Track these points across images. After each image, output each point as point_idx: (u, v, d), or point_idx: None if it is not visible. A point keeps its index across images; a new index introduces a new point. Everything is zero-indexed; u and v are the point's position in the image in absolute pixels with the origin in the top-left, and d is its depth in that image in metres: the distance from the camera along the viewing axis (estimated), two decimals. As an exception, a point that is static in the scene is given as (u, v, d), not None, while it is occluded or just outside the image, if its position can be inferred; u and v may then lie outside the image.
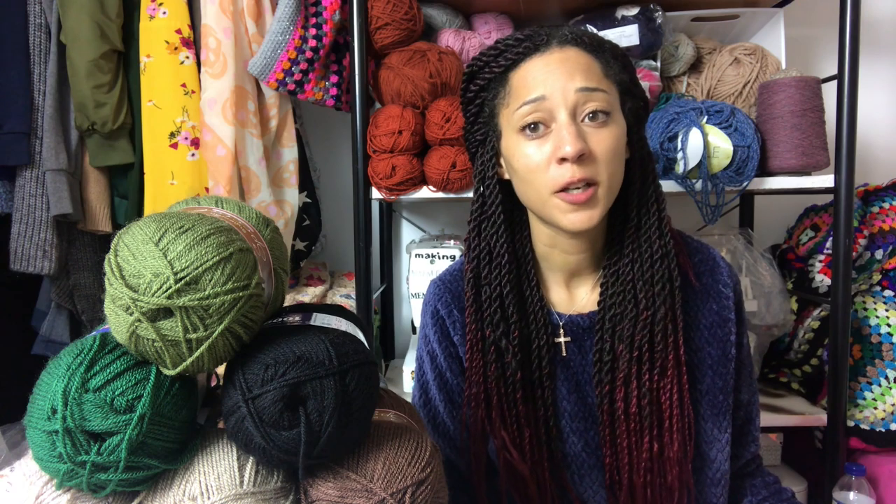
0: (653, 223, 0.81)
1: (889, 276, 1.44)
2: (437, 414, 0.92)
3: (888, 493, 1.33)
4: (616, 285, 0.83)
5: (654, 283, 0.80)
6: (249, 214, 0.65)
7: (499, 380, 0.83)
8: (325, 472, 0.57)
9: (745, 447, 0.92)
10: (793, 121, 1.32)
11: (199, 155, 1.41)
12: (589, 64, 0.77)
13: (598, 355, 0.83)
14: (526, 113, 0.76)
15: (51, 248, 1.43)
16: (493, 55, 0.80)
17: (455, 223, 1.89)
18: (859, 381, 1.40)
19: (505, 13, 1.57)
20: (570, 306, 0.88)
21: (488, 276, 0.84)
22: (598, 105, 0.75)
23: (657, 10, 1.42)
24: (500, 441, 0.83)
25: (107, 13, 1.37)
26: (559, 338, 0.87)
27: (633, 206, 0.82)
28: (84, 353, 0.53)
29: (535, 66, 0.77)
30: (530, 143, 0.76)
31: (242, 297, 0.53)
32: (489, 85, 0.81)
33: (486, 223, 0.84)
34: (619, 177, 0.79)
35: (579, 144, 0.73)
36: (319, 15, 1.44)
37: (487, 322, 0.84)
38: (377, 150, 1.36)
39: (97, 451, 0.51)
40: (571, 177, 0.73)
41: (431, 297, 0.93)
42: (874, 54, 1.81)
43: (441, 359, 0.91)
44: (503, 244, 0.83)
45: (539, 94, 0.75)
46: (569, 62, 0.76)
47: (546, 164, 0.75)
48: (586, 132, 0.75)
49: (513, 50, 0.78)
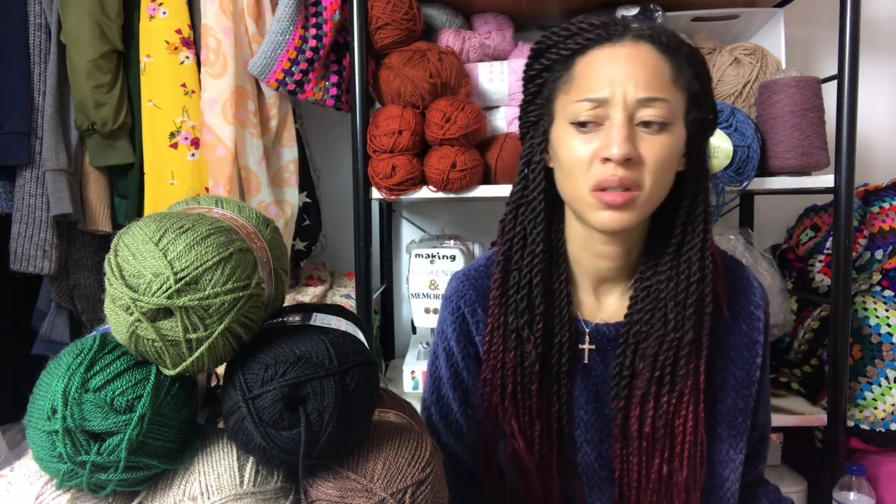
0: (696, 244, 0.78)
1: (889, 276, 1.44)
2: (450, 412, 0.90)
3: (888, 493, 1.33)
4: (646, 301, 0.80)
5: (686, 306, 0.78)
6: (249, 214, 0.65)
7: (516, 368, 0.81)
8: (325, 472, 0.57)
9: (756, 466, 0.91)
10: (793, 121, 1.32)
11: (199, 155, 1.41)
12: (658, 66, 0.73)
13: (618, 369, 0.81)
14: (583, 109, 0.73)
15: (51, 248, 1.43)
16: (563, 36, 0.76)
17: (455, 223, 1.89)
18: (859, 381, 1.40)
19: (505, 13, 1.57)
20: (596, 313, 0.86)
21: (519, 262, 0.81)
22: (656, 114, 0.71)
23: (657, 10, 1.42)
24: (509, 428, 0.82)
25: (107, 13, 1.37)
26: (584, 345, 0.84)
27: (679, 222, 0.78)
28: (84, 353, 0.53)
29: (603, 58, 0.73)
30: (579, 137, 0.74)
31: (242, 297, 0.53)
32: (553, 66, 0.78)
33: (526, 208, 0.82)
34: (664, 187, 0.75)
35: (626, 148, 0.70)
36: (319, 15, 1.44)
37: (512, 308, 0.81)
38: (377, 150, 1.36)
39: (97, 451, 0.51)
40: (612, 176, 0.71)
41: (454, 293, 0.90)
42: (874, 54, 1.81)
43: (458, 358, 0.89)
44: (539, 232, 0.81)
45: (601, 95, 0.72)
46: (637, 61, 0.72)
47: (590, 160, 0.73)
48: (639, 137, 0.72)
49: (584, 34, 0.75)
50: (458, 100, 1.35)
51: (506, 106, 1.50)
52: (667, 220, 0.79)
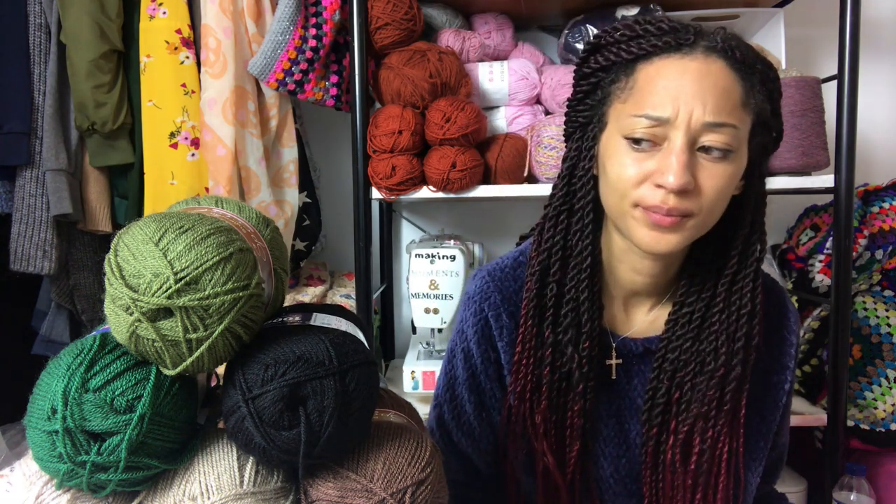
0: (750, 274, 0.73)
1: (889, 276, 1.44)
2: (464, 413, 0.86)
3: (888, 493, 1.33)
4: (687, 327, 0.75)
5: (735, 340, 0.73)
6: (249, 214, 0.65)
7: (552, 385, 0.77)
8: (325, 472, 0.57)
9: (769, 483, 0.91)
10: (793, 121, 1.32)
11: (199, 155, 1.41)
12: (730, 87, 0.66)
13: (651, 393, 0.78)
14: (640, 126, 0.66)
15: (51, 248, 1.43)
16: (628, 36, 0.69)
17: (455, 223, 1.89)
18: (859, 381, 1.40)
19: (505, 13, 1.57)
20: (625, 327, 0.82)
21: (560, 274, 0.77)
22: (721, 141, 0.65)
23: (657, 10, 1.42)
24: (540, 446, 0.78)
25: (107, 13, 1.37)
26: (610, 360, 0.80)
27: (735, 250, 0.73)
28: (84, 353, 0.53)
29: (670, 70, 0.66)
30: (632, 154, 0.68)
31: (242, 297, 0.53)
32: (612, 67, 0.71)
33: (572, 218, 0.76)
34: (718, 213, 0.70)
35: (685, 179, 0.64)
36: (319, 15, 1.44)
37: (549, 322, 0.77)
38: (377, 150, 1.36)
39: (97, 451, 0.51)
40: (662, 203, 0.66)
41: (477, 295, 0.84)
42: (874, 54, 1.81)
43: (477, 361, 0.84)
44: (587, 245, 0.75)
45: (664, 114, 0.65)
46: (708, 79, 0.65)
47: (640, 181, 0.67)
48: (699, 164, 0.66)
49: (651, 39, 0.67)
50: (458, 100, 1.35)
51: (506, 106, 1.50)
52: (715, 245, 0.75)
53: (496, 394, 0.85)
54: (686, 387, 0.75)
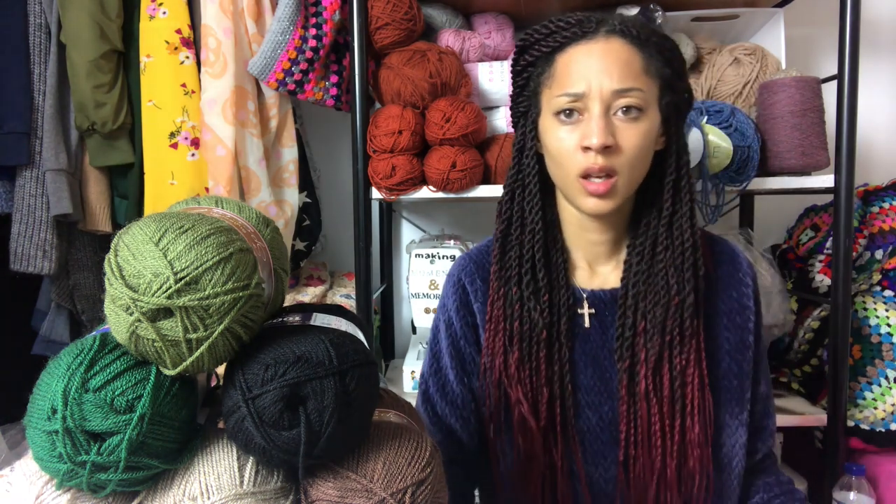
0: (685, 213, 0.85)
1: (889, 276, 1.44)
2: (447, 381, 0.94)
3: (888, 493, 1.33)
4: (640, 265, 0.86)
5: (684, 270, 0.84)
6: (249, 214, 0.65)
7: (522, 336, 0.87)
8: (325, 472, 0.57)
9: (763, 441, 0.94)
10: (793, 121, 1.32)
11: (199, 155, 1.41)
12: (629, 59, 0.79)
13: (621, 330, 0.86)
14: (563, 103, 0.80)
15: (51, 248, 1.43)
16: (543, 34, 0.84)
17: (455, 223, 1.89)
18: (859, 381, 1.40)
19: (505, 13, 1.57)
20: (591, 282, 0.92)
21: (520, 238, 0.88)
22: (630, 102, 0.78)
23: (657, 10, 1.42)
24: (515, 393, 0.86)
25: (107, 13, 1.37)
26: (583, 309, 0.89)
27: (667, 196, 0.85)
28: (84, 353, 0.53)
29: (579, 54, 0.80)
30: (563, 128, 0.81)
31: (242, 297, 0.53)
32: (537, 62, 0.85)
33: (522, 191, 0.89)
34: (641, 171, 0.83)
35: (604, 138, 0.77)
36: (319, 15, 1.44)
37: (515, 281, 0.88)
38: (377, 150, 1.36)
39: (97, 451, 0.51)
40: (593, 163, 0.78)
41: (456, 269, 0.97)
42: (874, 54, 1.81)
43: (457, 327, 0.94)
44: (537, 211, 0.88)
45: (578, 90, 0.79)
46: (610, 56, 0.79)
47: (574, 149, 0.80)
48: (616, 126, 0.79)
49: (562, 33, 0.82)
50: (458, 100, 1.35)
51: (506, 106, 1.50)
52: (652, 193, 0.87)
53: (475, 358, 0.93)
54: (649, 316, 0.85)
